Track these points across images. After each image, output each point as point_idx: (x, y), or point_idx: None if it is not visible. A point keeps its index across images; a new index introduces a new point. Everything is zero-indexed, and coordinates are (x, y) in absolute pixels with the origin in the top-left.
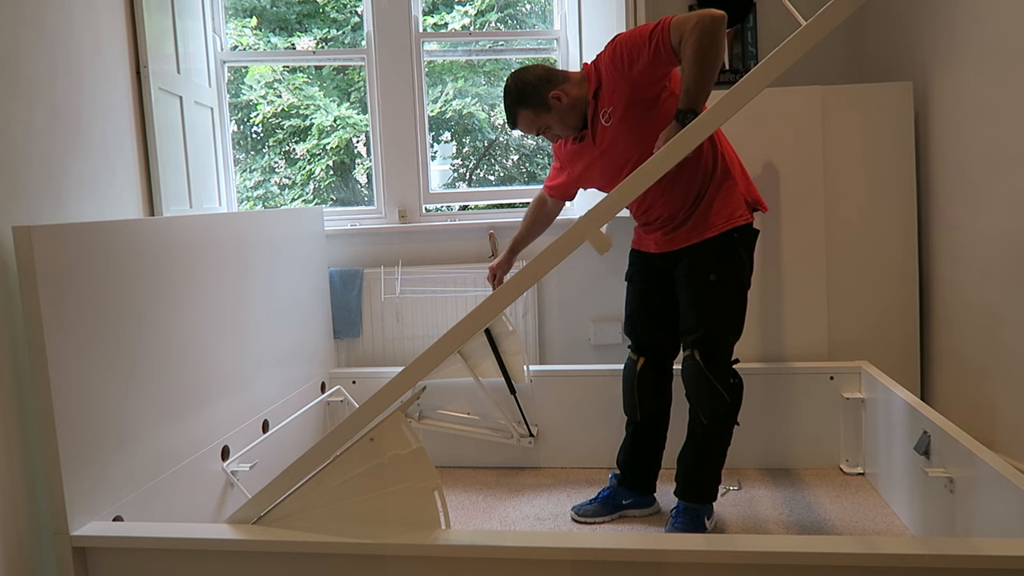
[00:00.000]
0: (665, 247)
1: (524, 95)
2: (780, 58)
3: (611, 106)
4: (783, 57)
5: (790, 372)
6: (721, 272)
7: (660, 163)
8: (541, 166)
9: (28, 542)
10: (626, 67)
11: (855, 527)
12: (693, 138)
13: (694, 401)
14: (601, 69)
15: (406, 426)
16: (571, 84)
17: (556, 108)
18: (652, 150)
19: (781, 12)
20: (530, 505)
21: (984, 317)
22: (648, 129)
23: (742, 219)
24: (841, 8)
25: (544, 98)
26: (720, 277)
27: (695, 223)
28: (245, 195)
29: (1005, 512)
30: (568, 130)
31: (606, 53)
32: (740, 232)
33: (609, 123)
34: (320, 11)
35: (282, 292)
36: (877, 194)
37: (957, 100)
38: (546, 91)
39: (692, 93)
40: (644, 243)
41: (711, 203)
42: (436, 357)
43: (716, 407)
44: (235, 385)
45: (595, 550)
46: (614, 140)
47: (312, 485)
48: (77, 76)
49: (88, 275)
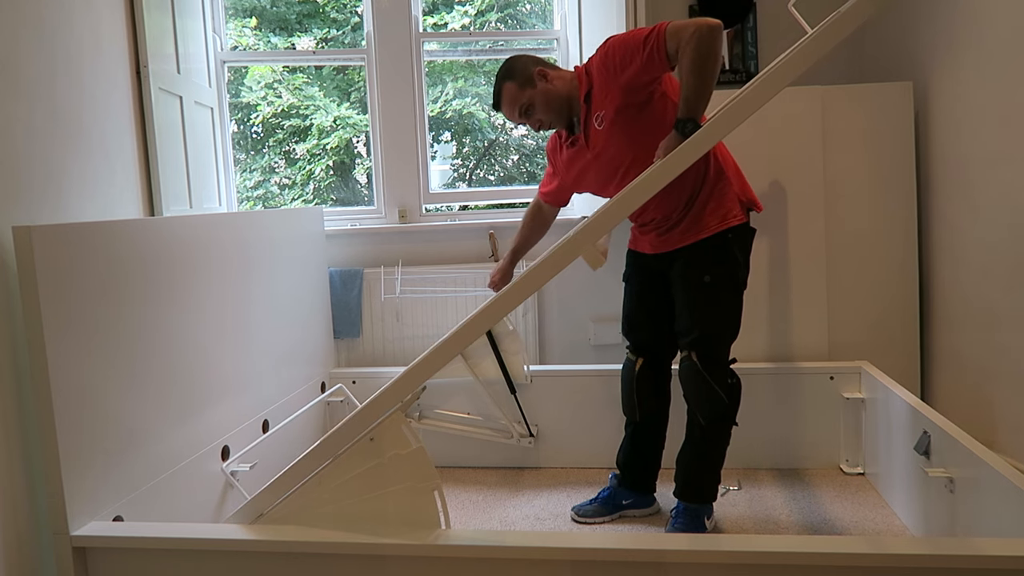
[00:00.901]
0: (660, 248)
1: (511, 69)
2: (787, 68)
3: (603, 109)
4: (790, 67)
5: (790, 372)
6: (716, 273)
7: (661, 175)
8: (541, 166)
9: (28, 542)
10: (618, 71)
11: (855, 527)
12: (694, 151)
13: (692, 402)
14: (592, 72)
15: (406, 426)
16: (560, 74)
17: (540, 86)
18: (646, 151)
19: (781, 12)
20: (530, 505)
21: (984, 317)
22: (640, 130)
23: (736, 219)
24: (846, 22)
25: (529, 72)
26: (715, 278)
27: (689, 224)
28: (245, 195)
29: (1005, 512)
30: (551, 115)
31: (597, 56)
32: (735, 232)
33: (602, 126)
34: (320, 11)
35: (282, 292)
36: (877, 194)
37: (957, 100)
38: (532, 66)
39: (691, 103)
40: (640, 244)
41: (705, 204)
42: (436, 362)
43: (714, 408)
44: (235, 385)
45: (595, 550)
46: (607, 143)
47: (312, 485)
48: (77, 76)
49: (88, 275)
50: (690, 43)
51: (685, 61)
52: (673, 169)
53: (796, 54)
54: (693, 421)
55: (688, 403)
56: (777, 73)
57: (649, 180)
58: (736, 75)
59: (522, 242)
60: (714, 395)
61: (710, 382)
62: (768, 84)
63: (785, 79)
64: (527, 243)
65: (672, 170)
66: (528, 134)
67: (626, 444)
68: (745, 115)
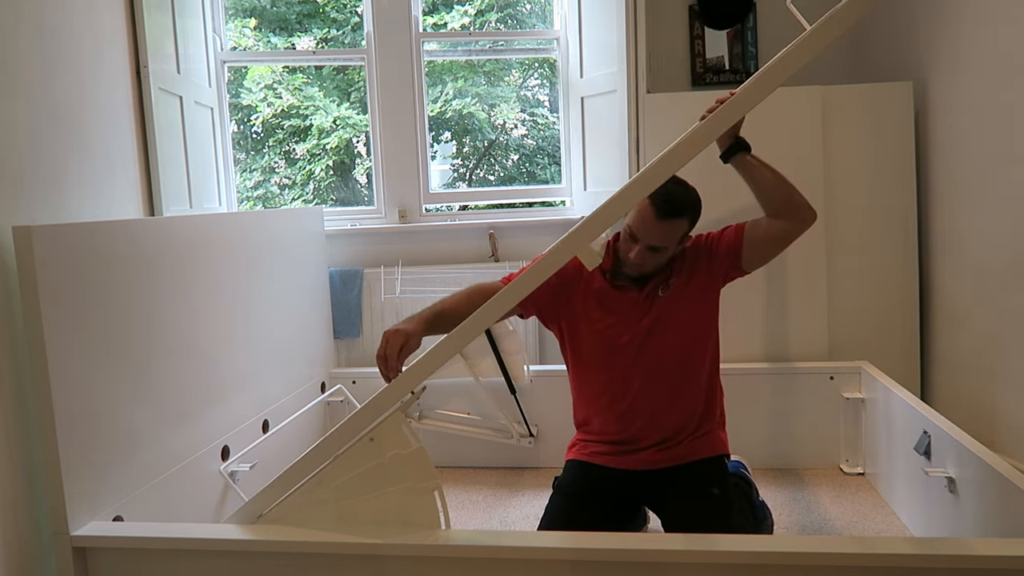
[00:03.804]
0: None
1: (696, 211)
2: (787, 60)
3: (679, 275)
4: (789, 60)
5: (790, 372)
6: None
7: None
8: (541, 166)
9: (28, 542)
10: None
11: (855, 527)
12: (702, 138)
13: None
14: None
15: (406, 426)
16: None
17: (680, 246)
18: (694, 354)
19: (781, 12)
20: (530, 505)
21: (984, 317)
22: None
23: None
24: (844, 16)
25: (692, 227)
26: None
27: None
28: (245, 195)
29: (1005, 512)
30: (653, 267)
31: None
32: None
33: (666, 292)
34: (320, 11)
35: (282, 292)
36: (877, 194)
37: (957, 100)
38: (694, 223)
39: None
40: (619, 460)
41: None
42: (437, 360)
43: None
44: (235, 385)
45: (595, 550)
46: (671, 310)
47: (312, 485)
48: (77, 76)
49: (88, 275)
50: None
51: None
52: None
53: (795, 48)
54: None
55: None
56: (777, 65)
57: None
58: (736, 75)
59: (450, 313)
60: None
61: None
62: (772, 73)
63: (788, 70)
64: (455, 317)
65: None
66: (528, 134)
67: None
68: (755, 102)
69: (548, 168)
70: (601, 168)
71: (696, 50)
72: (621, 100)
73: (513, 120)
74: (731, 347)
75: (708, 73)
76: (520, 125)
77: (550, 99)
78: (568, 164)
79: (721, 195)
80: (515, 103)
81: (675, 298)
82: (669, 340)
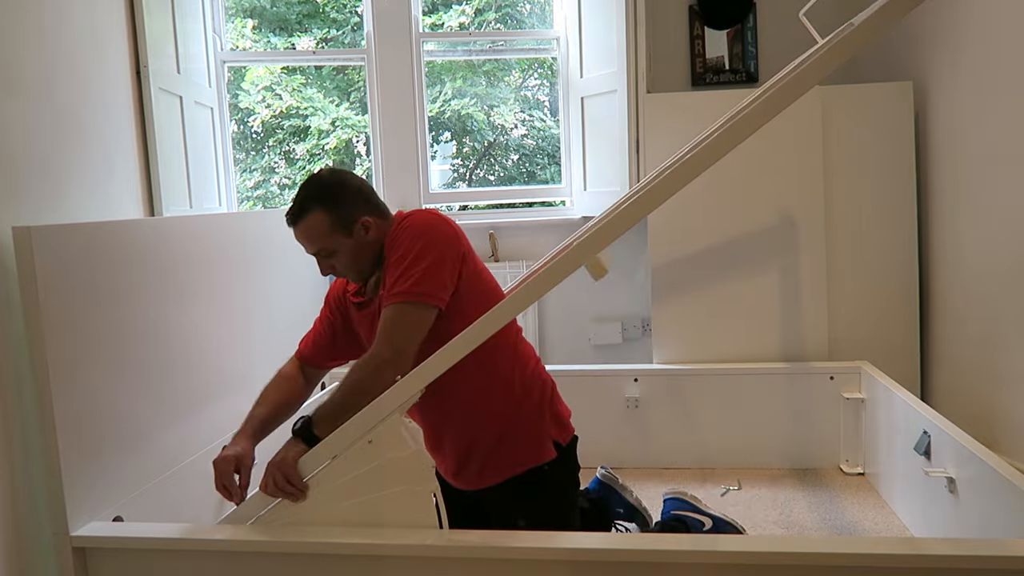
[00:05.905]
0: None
1: (332, 195)
2: (795, 84)
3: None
4: (797, 84)
5: (790, 372)
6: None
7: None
8: (541, 166)
9: (28, 542)
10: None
11: (855, 527)
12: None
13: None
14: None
15: (405, 428)
16: (383, 223)
17: (357, 237)
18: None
19: (781, 12)
20: None
21: (984, 317)
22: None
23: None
24: (852, 42)
25: (352, 215)
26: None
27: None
28: (245, 195)
29: (1005, 512)
30: (352, 273)
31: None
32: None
33: (382, 291)
34: (320, 11)
35: (282, 292)
36: (877, 194)
37: (957, 100)
38: (359, 210)
39: (325, 415)
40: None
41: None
42: (439, 365)
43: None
44: (235, 385)
45: (595, 550)
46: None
47: (311, 486)
48: (77, 76)
49: (88, 275)
50: (365, 368)
51: (350, 377)
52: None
53: (809, 66)
54: None
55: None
56: (795, 79)
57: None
58: (736, 75)
59: (269, 413)
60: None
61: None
62: (790, 88)
63: (805, 86)
64: (276, 411)
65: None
66: (528, 134)
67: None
68: (763, 121)
69: (548, 168)
70: (601, 168)
71: (696, 50)
72: (621, 100)
73: (512, 121)
74: (731, 347)
75: (708, 73)
76: (520, 125)
77: (550, 99)
78: (568, 164)
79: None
80: (514, 104)
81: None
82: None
